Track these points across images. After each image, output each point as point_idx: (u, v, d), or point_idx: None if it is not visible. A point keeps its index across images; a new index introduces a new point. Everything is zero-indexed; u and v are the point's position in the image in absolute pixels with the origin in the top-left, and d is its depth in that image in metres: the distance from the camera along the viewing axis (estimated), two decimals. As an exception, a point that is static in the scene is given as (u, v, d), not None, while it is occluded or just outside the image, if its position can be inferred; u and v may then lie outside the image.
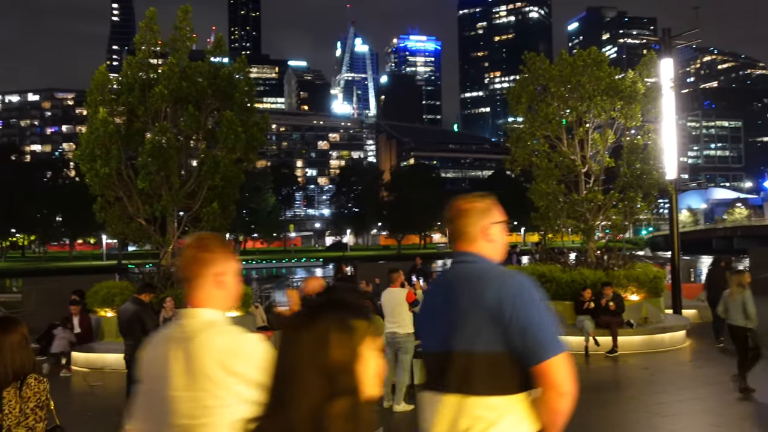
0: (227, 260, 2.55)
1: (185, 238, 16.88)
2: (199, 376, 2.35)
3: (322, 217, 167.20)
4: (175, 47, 16.34)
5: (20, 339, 3.41)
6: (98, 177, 15.01)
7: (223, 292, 2.52)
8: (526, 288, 2.64)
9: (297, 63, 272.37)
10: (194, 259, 2.52)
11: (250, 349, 2.37)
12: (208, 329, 2.42)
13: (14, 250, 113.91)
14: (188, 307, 2.52)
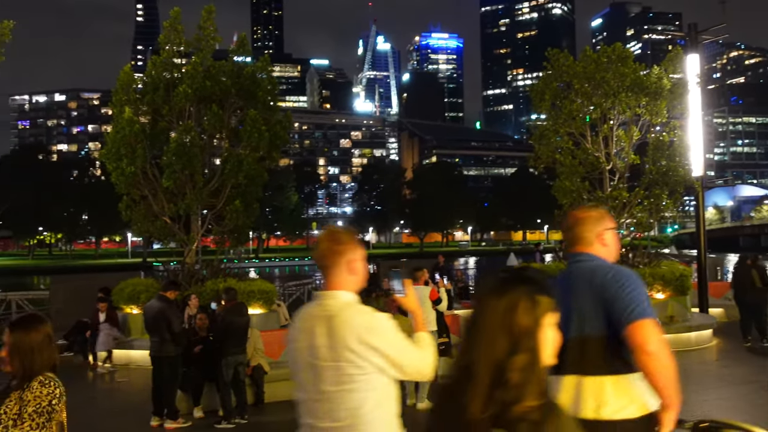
0: (357, 249, 2.99)
1: (210, 236, 17.05)
2: (342, 349, 2.75)
3: (344, 215, 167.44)
4: (199, 47, 16.47)
5: (42, 338, 3.27)
6: (124, 176, 15.19)
7: (354, 276, 2.95)
8: (627, 273, 3.23)
9: (319, 62, 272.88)
10: (329, 250, 2.95)
11: (384, 326, 2.79)
12: (347, 309, 2.85)
13: (41, 248, 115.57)
14: (325, 290, 2.94)
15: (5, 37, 15.36)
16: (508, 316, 1.86)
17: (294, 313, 3.09)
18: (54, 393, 3.22)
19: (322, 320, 2.83)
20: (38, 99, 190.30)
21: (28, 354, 3.21)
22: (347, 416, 2.76)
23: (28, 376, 3.19)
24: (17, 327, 3.28)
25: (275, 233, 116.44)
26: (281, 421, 9.47)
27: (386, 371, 2.78)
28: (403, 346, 2.82)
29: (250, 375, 9.81)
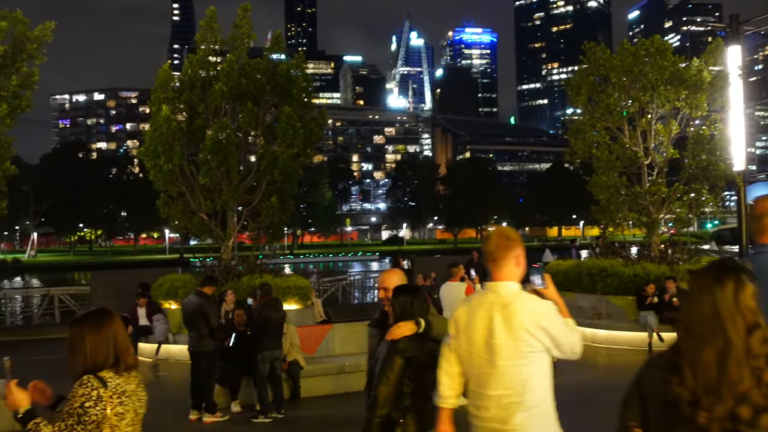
0: (521, 246, 3.50)
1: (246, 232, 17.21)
2: (518, 330, 3.29)
3: (378, 211, 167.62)
4: (235, 45, 16.61)
5: (97, 336, 3.15)
6: (162, 173, 15.40)
7: (519, 269, 3.47)
8: None
9: (352, 58, 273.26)
10: (500, 245, 3.47)
11: (552, 312, 3.37)
12: (520, 297, 3.39)
13: (82, 244, 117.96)
14: (495, 281, 3.44)
15: (47, 38, 15.72)
16: (739, 298, 2.23)
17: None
18: (89, 395, 3.02)
19: (498, 306, 3.36)
20: (78, 98, 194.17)
21: (74, 351, 3.14)
22: (518, 386, 3.31)
23: (76, 374, 3.11)
24: (74, 322, 3.23)
25: (309, 229, 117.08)
26: (317, 416, 9.54)
27: (550, 350, 3.36)
28: (564, 330, 3.37)
29: (286, 370, 9.89)
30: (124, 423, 3.11)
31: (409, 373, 3.99)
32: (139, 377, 3.27)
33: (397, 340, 4.01)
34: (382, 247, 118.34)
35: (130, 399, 3.15)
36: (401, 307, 4.20)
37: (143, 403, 3.25)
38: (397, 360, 3.98)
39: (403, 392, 4.01)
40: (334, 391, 10.39)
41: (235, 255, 16.41)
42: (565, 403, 9.35)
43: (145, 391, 3.29)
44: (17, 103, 15.21)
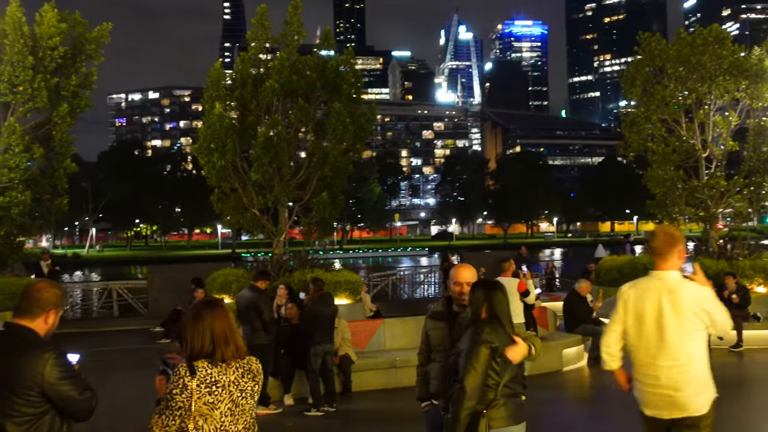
0: (683, 242, 4.31)
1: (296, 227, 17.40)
2: (685, 311, 4.15)
3: (427, 206, 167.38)
4: (286, 42, 16.77)
5: (197, 325, 3.22)
6: (215, 169, 15.67)
7: (681, 261, 4.29)
8: None
9: (401, 53, 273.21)
10: (665, 241, 4.28)
11: (710, 295, 4.22)
12: (684, 284, 4.22)
13: (138, 239, 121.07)
14: (660, 270, 4.27)
15: (104, 39, 16.13)
16: None
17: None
18: (177, 383, 3.10)
19: (665, 291, 4.21)
20: (133, 97, 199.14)
21: (181, 339, 3.26)
22: (686, 357, 4.15)
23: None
24: (186, 312, 3.38)
25: (358, 225, 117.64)
26: (369, 410, 9.59)
27: (708, 328, 4.19)
28: (720, 311, 4.18)
29: (337, 364, 9.96)
30: (217, 412, 3.14)
31: (494, 364, 3.99)
32: (244, 368, 3.23)
33: (481, 330, 4.03)
34: (431, 242, 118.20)
35: (225, 390, 3.15)
36: (479, 301, 4.20)
37: (247, 394, 3.22)
38: (483, 350, 3.98)
39: (488, 385, 4.00)
40: (385, 385, 10.43)
41: (287, 250, 16.59)
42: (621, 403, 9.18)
43: (254, 381, 3.26)
44: (77, 102, 15.65)
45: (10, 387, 3.11)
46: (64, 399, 3.17)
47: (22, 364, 3.15)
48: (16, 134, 13.94)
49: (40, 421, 3.15)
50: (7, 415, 3.10)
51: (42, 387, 3.13)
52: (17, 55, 13.91)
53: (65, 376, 3.20)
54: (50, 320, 3.37)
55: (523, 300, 10.54)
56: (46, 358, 3.17)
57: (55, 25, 14.97)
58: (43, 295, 3.35)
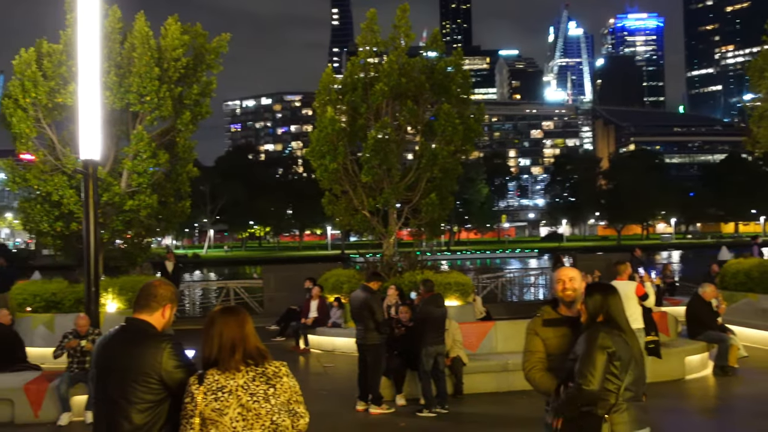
0: None
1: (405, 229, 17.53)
2: None
3: (536, 207, 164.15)
4: (394, 45, 16.94)
5: (212, 334, 3.36)
6: (327, 172, 16.04)
7: None
8: None
9: (508, 52, 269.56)
10: None
11: None
12: None
13: (252, 240, 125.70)
14: None
15: (223, 49, 16.85)
16: None
17: None
18: (187, 391, 3.27)
19: None
20: (247, 104, 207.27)
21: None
22: None
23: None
24: None
25: (466, 226, 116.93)
26: (481, 413, 9.51)
27: None
28: None
29: (449, 366, 9.95)
30: (226, 418, 3.20)
31: (612, 368, 3.91)
32: (256, 372, 3.26)
33: (596, 335, 3.95)
34: (540, 243, 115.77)
35: (232, 394, 3.21)
36: (594, 305, 4.11)
37: (260, 397, 3.22)
38: (599, 355, 3.91)
39: (608, 389, 3.93)
40: (497, 389, 10.31)
41: (396, 251, 16.74)
42: (750, 414, 8.67)
43: (268, 384, 3.26)
44: (198, 110, 16.42)
45: (132, 376, 3.34)
46: (180, 386, 3.36)
47: (142, 354, 3.38)
48: (143, 141, 14.79)
49: (160, 407, 3.36)
50: (130, 402, 3.33)
51: (160, 375, 3.34)
52: (145, 67, 14.76)
53: (180, 365, 3.40)
54: (166, 314, 3.60)
55: (642, 304, 10.14)
56: (163, 348, 3.39)
57: (179, 38, 15.78)
58: (159, 292, 3.60)
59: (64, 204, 14.64)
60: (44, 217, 14.83)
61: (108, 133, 14.07)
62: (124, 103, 15.00)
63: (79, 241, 14.27)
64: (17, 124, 14.52)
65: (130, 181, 15.20)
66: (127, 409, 3.33)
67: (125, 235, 15.50)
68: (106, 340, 3.57)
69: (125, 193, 15.03)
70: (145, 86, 14.81)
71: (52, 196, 14.66)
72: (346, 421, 9.18)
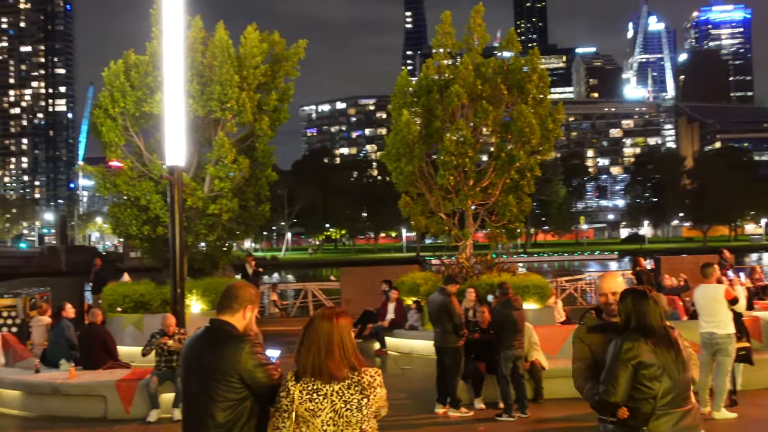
0: None
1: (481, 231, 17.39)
2: None
3: (615, 208, 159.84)
4: (469, 46, 16.84)
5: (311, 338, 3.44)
6: (403, 175, 16.09)
7: None
8: None
9: (585, 50, 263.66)
10: None
11: None
12: None
13: (328, 243, 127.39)
14: None
15: (300, 55, 17.16)
16: None
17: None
18: (284, 386, 3.37)
19: None
20: (323, 108, 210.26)
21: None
22: None
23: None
24: None
25: (543, 228, 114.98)
26: (561, 418, 9.33)
27: None
28: None
29: (528, 370, 9.80)
30: (318, 420, 3.26)
31: (641, 378, 3.85)
32: (351, 380, 3.28)
33: (621, 346, 3.89)
34: (620, 245, 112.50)
35: (327, 399, 3.26)
36: (626, 310, 4.05)
37: (353, 406, 3.25)
38: (622, 366, 3.86)
39: (640, 398, 3.86)
40: (577, 394, 10.06)
41: (473, 253, 16.62)
42: None
43: (362, 394, 3.27)
44: (276, 116, 16.78)
45: (214, 375, 3.46)
46: (259, 385, 3.45)
47: (223, 354, 3.48)
48: (225, 147, 15.22)
49: (242, 405, 3.46)
50: (213, 400, 3.44)
51: (240, 374, 3.43)
52: (225, 75, 15.19)
53: (260, 364, 3.48)
54: (247, 315, 3.69)
55: (732, 308, 9.70)
56: (242, 348, 3.49)
57: (257, 46, 16.17)
58: (239, 293, 3.69)
59: (151, 209, 15.23)
60: (133, 221, 15.46)
61: (191, 140, 14.54)
62: (207, 111, 15.49)
63: (165, 244, 14.85)
64: (107, 133, 15.20)
65: (213, 185, 15.67)
66: (211, 407, 3.45)
67: (208, 239, 15.97)
68: (192, 340, 3.71)
69: (208, 197, 15.49)
70: (226, 93, 15.23)
71: (140, 201, 15.27)
72: (424, 424, 9.17)
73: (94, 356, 10.86)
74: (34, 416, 10.04)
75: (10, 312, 14.15)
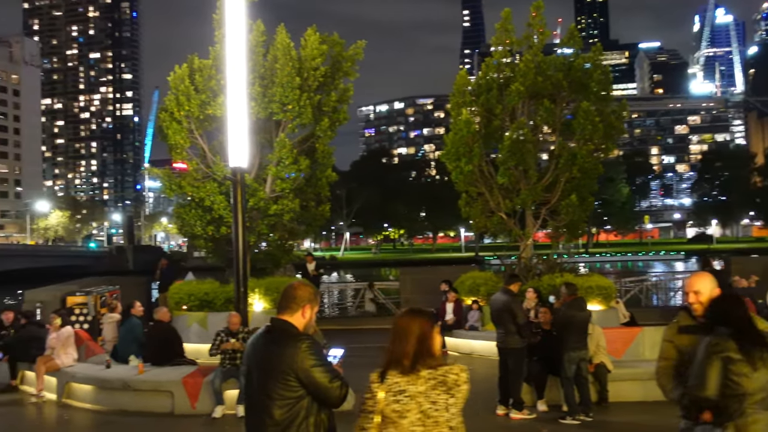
0: None
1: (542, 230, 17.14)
2: None
3: (681, 207, 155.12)
4: (529, 44, 16.62)
5: (397, 335, 3.42)
6: (462, 174, 16.01)
7: None
8: None
9: (648, 44, 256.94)
10: None
11: None
12: None
13: (386, 242, 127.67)
14: None
15: (359, 56, 17.26)
16: None
17: None
18: (369, 387, 3.33)
19: None
20: (380, 108, 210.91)
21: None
22: None
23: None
24: None
25: (605, 227, 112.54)
26: (626, 422, 9.11)
27: None
28: None
29: (592, 372, 9.61)
30: (406, 421, 3.23)
31: (730, 374, 3.79)
32: (437, 380, 3.25)
33: (712, 342, 3.87)
34: (687, 245, 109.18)
35: (413, 400, 3.22)
36: (715, 313, 4.04)
37: (440, 406, 3.22)
38: (714, 362, 3.82)
39: (730, 395, 3.80)
40: (644, 398, 9.81)
41: (534, 253, 16.40)
42: None
43: (448, 394, 3.25)
44: (336, 116, 16.93)
45: (273, 373, 3.50)
46: (315, 384, 3.48)
47: (282, 352, 3.52)
48: (286, 148, 15.45)
49: (298, 404, 3.48)
50: (271, 398, 3.49)
51: (297, 373, 3.46)
52: (286, 77, 15.42)
53: (317, 364, 3.50)
54: (306, 314, 3.72)
55: (810, 311, 9.32)
56: (300, 347, 3.51)
57: (317, 47, 16.34)
58: (298, 293, 3.73)
59: (215, 209, 15.57)
60: (197, 221, 15.83)
61: (253, 142, 14.80)
62: (268, 113, 15.74)
63: (228, 243, 15.16)
64: (172, 136, 15.61)
65: (274, 186, 15.91)
66: (268, 404, 3.50)
67: (269, 238, 16.22)
68: (254, 338, 3.76)
69: (269, 198, 15.74)
70: (287, 95, 15.46)
71: (204, 201, 15.63)
72: (486, 426, 9.07)
73: (161, 353, 11.16)
74: (105, 410, 10.39)
75: (82, 309, 14.71)
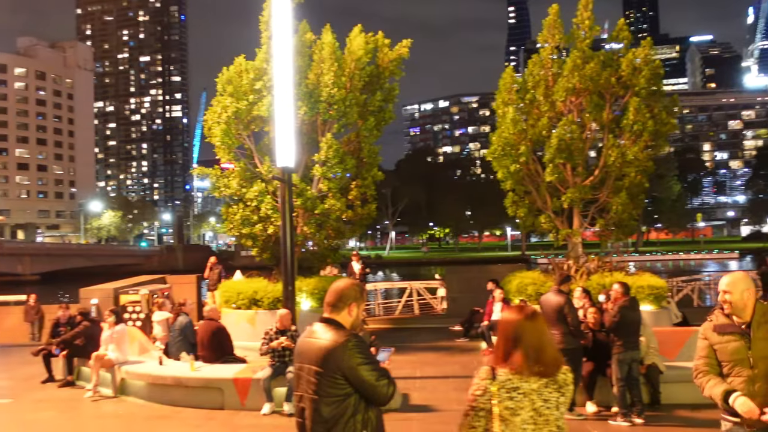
0: None
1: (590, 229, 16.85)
2: None
3: (735, 204, 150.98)
4: (577, 40, 16.36)
5: (505, 334, 3.38)
6: (509, 173, 15.85)
7: None
8: None
9: (700, 38, 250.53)
10: None
11: None
12: None
13: (432, 241, 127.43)
14: None
15: (404, 55, 17.26)
16: None
17: None
18: (480, 385, 3.27)
19: None
20: (425, 107, 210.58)
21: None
22: None
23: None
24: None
25: (655, 225, 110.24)
26: (680, 425, 8.91)
27: None
28: None
29: (644, 374, 9.43)
30: (518, 419, 3.20)
31: None
32: (549, 378, 3.23)
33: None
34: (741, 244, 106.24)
35: (527, 397, 3.19)
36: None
37: (551, 404, 3.21)
38: None
39: None
40: (698, 400, 9.52)
41: (583, 252, 16.15)
42: None
43: (559, 392, 3.24)
44: (381, 116, 16.95)
45: (320, 371, 3.54)
46: (361, 382, 3.51)
47: (329, 350, 3.54)
48: (332, 148, 15.53)
49: (345, 402, 3.52)
50: (319, 395, 3.54)
51: (343, 371, 3.49)
52: (333, 77, 15.51)
53: (363, 362, 3.53)
54: (353, 312, 3.74)
55: None
56: (347, 345, 3.54)
57: (363, 47, 16.39)
58: (344, 291, 3.75)
59: (262, 209, 15.75)
60: (245, 220, 16.04)
61: (300, 142, 14.93)
62: (314, 113, 15.85)
63: (275, 243, 15.34)
64: (221, 136, 15.85)
65: (321, 186, 16.02)
66: (317, 402, 3.54)
67: (316, 238, 16.34)
68: (303, 336, 3.81)
69: (316, 197, 15.85)
70: (333, 95, 15.54)
71: (252, 201, 15.83)
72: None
73: (211, 350, 11.35)
74: (158, 405, 10.63)
75: (134, 307, 15.08)
